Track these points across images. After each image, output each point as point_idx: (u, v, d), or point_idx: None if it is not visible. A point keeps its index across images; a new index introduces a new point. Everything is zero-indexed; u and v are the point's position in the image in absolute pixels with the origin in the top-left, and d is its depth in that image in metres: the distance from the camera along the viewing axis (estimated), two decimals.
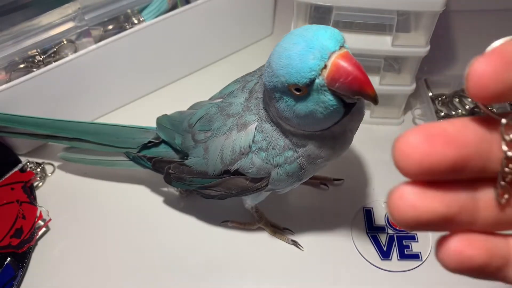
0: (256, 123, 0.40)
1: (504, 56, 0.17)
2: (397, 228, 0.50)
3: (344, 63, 0.32)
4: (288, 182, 0.41)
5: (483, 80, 0.17)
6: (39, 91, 0.53)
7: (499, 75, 0.17)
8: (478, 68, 0.17)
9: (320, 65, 0.32)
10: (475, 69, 0.17)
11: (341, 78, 0.32)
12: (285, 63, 0.33)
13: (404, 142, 0.18)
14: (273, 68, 0.34)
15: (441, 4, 0.47)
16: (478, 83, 0.17)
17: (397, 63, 0.57)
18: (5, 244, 0.48)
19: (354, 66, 0.31)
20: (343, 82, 0.32)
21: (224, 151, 0.41)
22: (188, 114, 0.46)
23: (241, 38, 0.68)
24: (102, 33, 0.57)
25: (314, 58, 0.32)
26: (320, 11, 0.52)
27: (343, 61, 0.32)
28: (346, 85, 0.32)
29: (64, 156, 0.53)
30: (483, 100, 0.18)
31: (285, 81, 0.33)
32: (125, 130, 0.51)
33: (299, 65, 0.32)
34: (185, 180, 0.45)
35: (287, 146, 0.39)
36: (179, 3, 0.60)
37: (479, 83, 0.17)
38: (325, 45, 0.32)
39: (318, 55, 0.32)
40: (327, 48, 0.32)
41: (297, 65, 0.32)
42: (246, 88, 0.42)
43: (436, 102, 0.61)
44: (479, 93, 0.18)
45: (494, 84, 0.17)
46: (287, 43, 0.34)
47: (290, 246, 0.50)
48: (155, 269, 0.48)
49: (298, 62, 0.32)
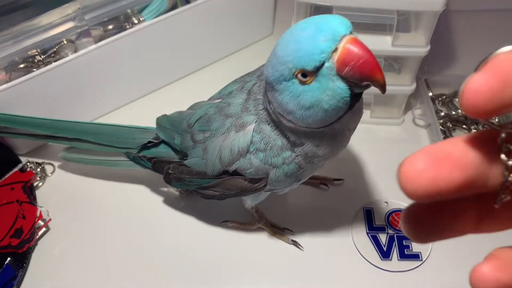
0: (254, 124, 0.40)
1: (501, 73, 0.17)
2: (398, 228, 0.50)
3: (355, 47, 0.31)
4: (286, 183, 0.41)
5: (477, 99, 0.17)
6: (39, 91, 0.53)
7: (494, 94, 0.17)
8: (473, 86, 0.17)
9: (331, 47, 0.31)
10: (470, 87, 0.17)
11: (352, 62, 0.31)
12: (294, 48, 0.33)
13: (410, 167, 0.18)
14: (279, 56, 0.33)
15: (441, 4, 0.47)
16: (471, 101, 0.17)
17: (397, 63, 0.57)
18: (5, 244, 0.48)
19: (365, 50, 0.31)
20: (354, 65, 0.31)
21: (222, 151, 0.41)
22: (187, 114, 0.46)
23: (241, 38, 0.68)
24: (102, 33, 0.57)
25: (326, 40, 0.31)
26: (320, 11, 0.52)
27: (354, 45, 0.31)
28: (357, 69, 0.31)
29: (65, 156, 0.54)
30: (476, 117, 0.18)
31: (293, 66, 0.32)
32: (124, 130, 0.51)
33: (309, 48, 0.32)
34: (185, 180, 0.45)
35: (285, 147, 0.39)
36: (179, 3, 0.60)
37: (472, 102, 0.17)
38: (336, 29, 0.32)
39: (329, 37, 0.31)
40: (338, 32, 0.31)
41: (306, 48, 0.32)
42: (244, 89, 0.42)
43: (436, 102, 0.61)
44: (472, 111, 0.17)
45: (488, 102, 0.17)
46: (296, 29, 0.33)
47: (290, 246, 0.50)
48: (155, 269, 0.48)
49: (308, 45, 0.32)
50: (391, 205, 0.52)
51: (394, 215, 0.51)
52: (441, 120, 0.59)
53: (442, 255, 0.49)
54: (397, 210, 0.52)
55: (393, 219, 0.51)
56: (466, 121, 0.59)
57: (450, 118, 0.59)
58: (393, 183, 0.19)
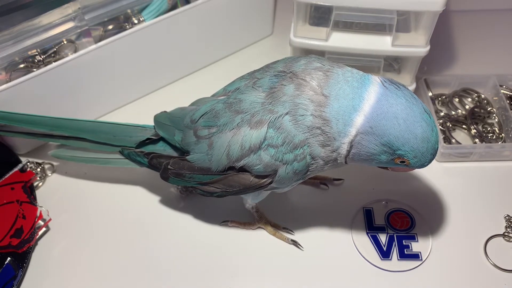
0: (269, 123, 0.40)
1: None
2: (398, 228, 0.50)
3: None
4: (293, 180, 0.42)
5: None
6: (39, 91, 0.53)
7: None
8: None
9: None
10: None
11: None
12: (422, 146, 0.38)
13: None
14: (408, 144, 0.37)
15: (441, 4, 0.47)
16: None
17: (397, 63, 0.57)
18: (5, 244, 0.48)
19: None
20: None
21: (231, 147, 0.41)
22: (190, 110, 0.46)
23: (241, 38, 0.68)
24: (102, 33, 0.57)
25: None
26: (320, 11, 0.52)
27: None
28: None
29: (56, 154, 0.53)
30: None
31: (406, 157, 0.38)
32: (122, 128, 0.51)
33: (428, 153, 0.38)
34: (184, 176, 0.45)
35: (300, 145, 0.39)
36: (179, 3, 0.60)
37: None
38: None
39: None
40: None
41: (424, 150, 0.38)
42: (257, 85, 0.42)
43: (436, 102, 0.61)
44: None
45: None
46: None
47: (290, 246, 0.50)
48: (155, 268, 0.48)
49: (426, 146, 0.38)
50: (391, 205, 0.52)
51: (394, 215, 0.51)
52: (440, 120, 0.59)
53: (442, 255, 0.49)
54: (397, 210, 0.52)
55: (393, 219, 0.51)
56: (466, 121, 0.59)
57: (450, 118, 0.59)
58: (393, 183, 0.19)
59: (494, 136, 0.58)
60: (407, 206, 0.52)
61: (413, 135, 0.37)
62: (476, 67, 0.66)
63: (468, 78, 0.62)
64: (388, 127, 0.37)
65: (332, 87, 0.39)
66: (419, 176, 0.55)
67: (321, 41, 0.53)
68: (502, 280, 0.47)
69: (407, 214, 0.51)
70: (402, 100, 0.37)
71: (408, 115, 0.37)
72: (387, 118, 0.37)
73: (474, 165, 0.56)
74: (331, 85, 0.39)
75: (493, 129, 0.58)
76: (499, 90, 0.60)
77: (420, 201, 0.52)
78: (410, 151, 0.37)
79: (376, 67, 0.54)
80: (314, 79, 0.39)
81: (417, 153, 0.37)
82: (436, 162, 0.56)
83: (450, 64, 0.67)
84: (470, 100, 0.62)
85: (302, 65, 0.41)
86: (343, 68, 0.40)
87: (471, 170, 0.56)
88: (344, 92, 0.38)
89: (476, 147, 0.55)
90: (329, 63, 0.41)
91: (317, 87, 0.39)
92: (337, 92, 0.38)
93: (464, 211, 0.52)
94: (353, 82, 0.38)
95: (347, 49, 0.52)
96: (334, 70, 0.40)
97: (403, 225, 0.51)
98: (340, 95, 0.38)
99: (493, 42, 0.70)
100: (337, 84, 0.39)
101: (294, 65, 0.41)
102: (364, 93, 0.38)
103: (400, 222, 0.51)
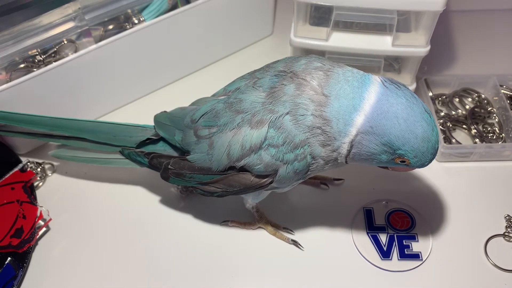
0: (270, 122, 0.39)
1: None
2: (398, 228, 0.50)
3: None
4: (293, 180, 0.42)
5: None
6: (39, 91, 0.53)
7: None
8: None
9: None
10: None
11: None
12: (423, 145, 0.38)
13: None
14: (409, 144, 0.37)
15: (441, 4, 0.47)
16: None
17: (397, 63, 0.57)
18: (5, 244, 0.48)
19: None
20: None
21: (232, 146, 0.41)
22: (190, 110, 0.46)
23: (241, 38, 0.68)
24: (102, 33, 0.57)
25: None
26: (320, 11, 0.53)
27: None
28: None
29: (56, 154, 0.53)
30: None
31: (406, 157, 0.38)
32: (122, 128, 0.51)
33: (428, 152, 0.38)
34: (185, 176, 0.45)
35: (300, 144, 0.39)
36: (179, 3, 0.60)
37: None
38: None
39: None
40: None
41: (425, 150, 0.38)
42: (257, 85, 0.42)
43: (436, 102, 0.61)
44: None
45: None
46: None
47: (290, 246, 0.50)
48: (155, 268, 0.48)
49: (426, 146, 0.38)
50: (391, 205, 0.52)
51: (394, 215, 0.51)
52: (441, 120, 0.59)
53: (442, 255, 0.49)
54: (397, 210, 0.52)
55: (393, 219, 0.51)
56: (466, 121, 0.59)
57: (450, 118, 0.59)
58: (394, 183, 0.19)
59: (494, 136, 0.58)
60: (407, 206, 0.52)
61: (414, 134, 0.37)
62: (476, 67, 0.66)
63: (468, 78, 0.62)
64: (388, 126, 0.37)
65: (332, 86, 0.39)
66: (419, 176, 0.55)
67: (322, 41, 0.53)
68: (502, 280, 0.47)
69: (407, 214, 0.51)
70: (403, 100, 0.37)
71: (408, 114, 0.37)
72: (387, 117, 0.37)
73: (474, 165, 0.56)
74: (332, 85, 0.39)
75: (493, 129, 0.58)
76: (499, 90, 0.60)
77: (421, 201, 0.52)
78: (411, 150, 0.37)
79: (376, 67, 0.55)
80: (315, 78, 0.39)
81: (418, 152, 0.37)
82: (436, 162, 0.56)
83: (450, 64, 0.67)
84: (470, 100, 0.62)
85: (303, 65, 0.41)
86: (344, 68, 0.40)
87: (471, 170, 0.56)
88: (344, 91, 0.38)
89: (476, 147, 0.55)
90: (330, 62, 0.41)
91: (318, 87, 0.39)
92: (337, 91, 0.38)
93: (465, 211, 0.52)
94: (353, 82, 0.38)
95: (347, 49, 0.53)
96: (334, 70, 0.40)
97: (404, 225, 0.51)
98: (341, 95, 0.38)
99: (493, 42, 0.70)
100: (337, 83, 0.39)
101: (295, 65, 0.41)
102: (364, 92, 0.38)
103: (400, 222, 0.51)
